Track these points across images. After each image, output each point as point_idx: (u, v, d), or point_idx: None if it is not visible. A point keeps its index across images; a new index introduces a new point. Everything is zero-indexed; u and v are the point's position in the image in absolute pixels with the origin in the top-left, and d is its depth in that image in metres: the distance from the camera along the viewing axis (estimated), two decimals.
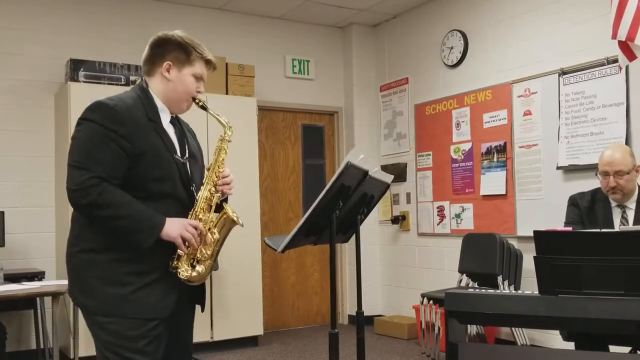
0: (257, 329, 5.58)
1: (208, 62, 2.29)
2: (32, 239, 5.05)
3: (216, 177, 2.25)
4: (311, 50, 6.62)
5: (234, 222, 2.26)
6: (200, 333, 5.23)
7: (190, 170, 2.25)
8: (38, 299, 4.63)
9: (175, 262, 2.13)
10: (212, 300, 5.32)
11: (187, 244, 2.11)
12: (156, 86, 2.24)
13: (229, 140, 2.31)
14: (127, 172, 2.07)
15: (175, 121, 2.30)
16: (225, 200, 2.36)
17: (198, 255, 2.17)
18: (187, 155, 2.26)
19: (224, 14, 6.12)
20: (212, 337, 5.32)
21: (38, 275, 4.63)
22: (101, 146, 2.03)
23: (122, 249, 2.06)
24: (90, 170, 2.01)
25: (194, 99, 2.27)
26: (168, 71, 2.22)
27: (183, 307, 2.25)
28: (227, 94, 5.55)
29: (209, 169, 2.26)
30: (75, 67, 4.96)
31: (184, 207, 2.19)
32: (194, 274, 2.16)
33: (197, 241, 2.14)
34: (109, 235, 2.06)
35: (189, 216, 2.18)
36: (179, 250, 2.12)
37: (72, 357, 4.64)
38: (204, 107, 2.30)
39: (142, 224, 2.04)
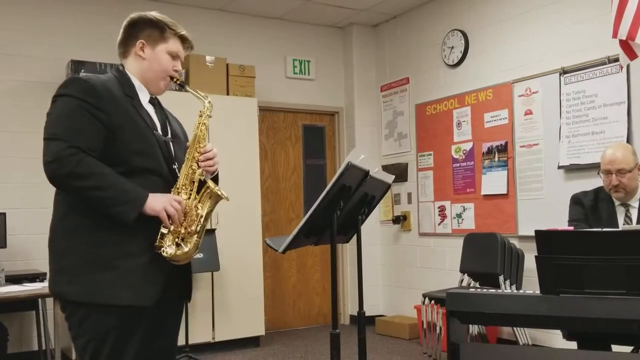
0: (259, 330, 5.58)
1: (183, 40, 2.25)
2: (33, 240, 5.05)
3: (197, 152, 2.18)
4: (312, 51, 6.62)
5: (218, 197, 2.19)
6: (202, 333, 5.23)
7: (174, 150, 2.20)
8: (40, 300, 4.62)
9: (160, 241, 2.05)
10: (213, 300, 5.32)
11: (170, 220, 2.04)
12: (132, 66, 2.20)
13: (209, 115, 2.26)
14: (105, 147, 2.01)
15: (155, 102, 2.26)
16: (216, 180, 2.29)
17: (182, 232, 2.10)
18: (169, 135, 2.21)
19: (224, 15, 6.12)
20: (213, 338, 5.32)
21: (40, 277, 4.63)
22: (77, 118, 1.98)
23: (108, 230, 1.99)
24: (66, 141, 1.94)
25: (171, 78, 2.23)
26: (142, 50, 2.19)
27: (171, 296, 2.17)
28: (227, 94, 5.54)
29: (189, 146, 2.20)
30: (76, 68, 4.96)
31: (167, 185, 2.12)
32: (179, 252, 2.08)
33: (180, 217, 2.07)
34: (94, 215, 1.99)
35: (172, 193, 2.11)
36: (162, 228, 2.05)
37: (73, 358, 4.64)
38: (182, 85, 2.26)
39: (125, 195, 1.97)
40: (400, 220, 6.34)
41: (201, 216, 2.16)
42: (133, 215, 1.98)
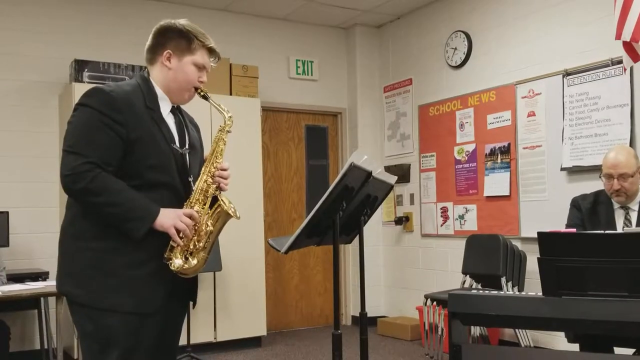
0: (261, 330, 5.58)
1: (211, 51, 2.25)
2: (36, 239, 5.05)
3: (214, 168, 2.19)
4: (315, 51, 6.62)
5: (229, 215, 2.20)
6: (204, 333, 5.24)
7: (189, 161, 2.21)
8: (42, 299, 4.63)
9: (169, 253, 2.08)
10: (215, 301, 5.33)
11: (181, 235, 2.06)
12: (157, 75, 2.21)
13: (228, 130, 2.26)
14: (121, 160, 2.03)
15: (177, 111, 2.26)
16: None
17: (191, 247, 2.12)
18: (186, 146, 2.22)
19: (227, 15, 6.13)
20: (215, 338, 5.32)
21: (42, 276, 4.65)
22: (96, 131, 2.00)
23: (116, 238, 2.02)
24: (84, 156, 1.97)
25: (196, 89, 2.23)
26: (168, 60, 2.18)
27: (175, 303, 2.20)
28: (230, 94, 5.56)
29: (206, 159, 2.21)
30: (80, 68, 4.97)
31: (180, 198, 2.14)
32: (186, 266, 2.10)
33: (191, 232, 2.08)
34: (103, 223, 2.02)
35: (184, 207, 2.13)
36: (172, 242, 2.07)
37: (76, 357, 4.66)
38: (205, 97, 2.26)
39: (135, 212, 2.01)
40: (402, 221, 6.34)
41: (211, 232, 2.18)
42: (142, 232, 2.01)
